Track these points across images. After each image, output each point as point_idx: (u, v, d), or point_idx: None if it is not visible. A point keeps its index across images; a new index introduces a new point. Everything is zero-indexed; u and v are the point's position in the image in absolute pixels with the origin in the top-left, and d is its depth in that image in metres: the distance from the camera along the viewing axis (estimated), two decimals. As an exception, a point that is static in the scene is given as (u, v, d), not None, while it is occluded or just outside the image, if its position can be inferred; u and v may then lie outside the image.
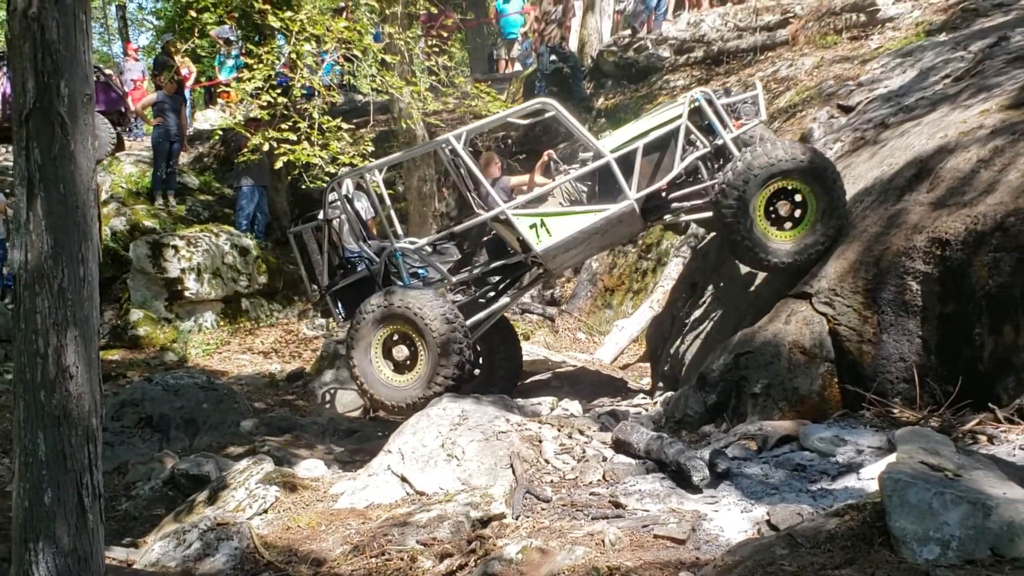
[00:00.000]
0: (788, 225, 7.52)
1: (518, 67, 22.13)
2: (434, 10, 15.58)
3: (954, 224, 6.25)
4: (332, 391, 10.89)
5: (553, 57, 17.46)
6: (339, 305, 8.71)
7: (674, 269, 11.93)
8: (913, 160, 7.35)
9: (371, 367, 7.92)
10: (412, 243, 8.70)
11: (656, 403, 8.58)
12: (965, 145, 6.96)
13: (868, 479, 5.12)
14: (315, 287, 8.87)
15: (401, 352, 7.91)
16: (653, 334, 10.35)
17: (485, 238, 8.82)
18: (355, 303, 8.27)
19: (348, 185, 9.72)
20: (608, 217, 7.86)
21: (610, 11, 20.49)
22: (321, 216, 8.66)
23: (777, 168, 7.38)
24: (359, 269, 8.67)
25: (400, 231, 8.78)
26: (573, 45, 18.78)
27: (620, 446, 6.39)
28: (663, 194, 8.14)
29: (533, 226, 7.90)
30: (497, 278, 8.91)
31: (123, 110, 17.00)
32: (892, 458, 4.42)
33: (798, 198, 7.49)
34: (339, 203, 8.86)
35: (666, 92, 15.77)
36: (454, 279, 8.50)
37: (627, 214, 7.89)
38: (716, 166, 8.11)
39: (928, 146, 7.39)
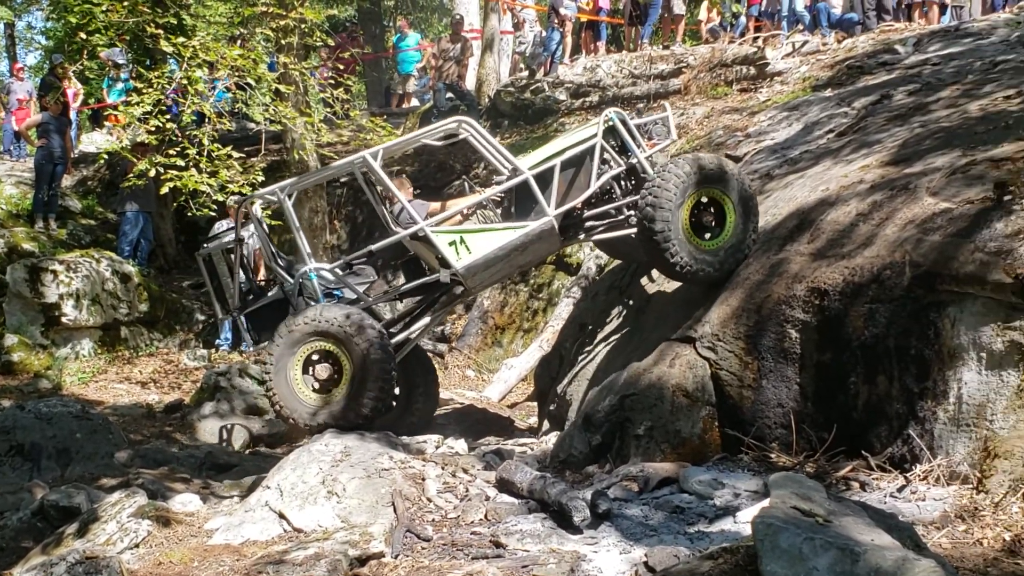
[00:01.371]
0: (707, 236, 7.62)
1: (415, 102, 22.16)
2: (331, 42, 15.53)
3: (833, 275, 6.42)
4: (229, 427, 10.57)
5: (450, 95, 17.56)
6: (249, 328, 8.50)
7: (564, 309, 12.01)
8: (796, 211, 7.56)
9: (288, 381, 7.66)
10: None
11: (542, 442, 8.59)
12: (845, 199, 7.19)
13: (744, 522, 5.19)
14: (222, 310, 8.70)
15: (324, 371, 7.70)
16: (541, 373, 10.38)
17: (402, 259, 8.72)
18: (266, 325, 8.12)
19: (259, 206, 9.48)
20: (528, 233, 7.83)
21: (509, 52, 20.74)
22: (233, 236, 8.44)
23: (716, 175, 7.57)
24: (271, 291, 8.51)
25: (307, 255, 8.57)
26: (471, 83, 18.91)
27: (504, 485, 6.36)
28: (577, 212, 8.21)
29: (452, 243, 7.78)
30: (406, 302, 8.81)
31: None
32: (767, 502, 4.49)
33: (713, 223, 7.63)
34: (251, 224, 8.68)
35: (561, 134, 15.94)
36: (370, 299, 8.38)
37: (547, 231, 7.88)
38: (629, 185, 8.24)
39: (810, 198, 7.61)
